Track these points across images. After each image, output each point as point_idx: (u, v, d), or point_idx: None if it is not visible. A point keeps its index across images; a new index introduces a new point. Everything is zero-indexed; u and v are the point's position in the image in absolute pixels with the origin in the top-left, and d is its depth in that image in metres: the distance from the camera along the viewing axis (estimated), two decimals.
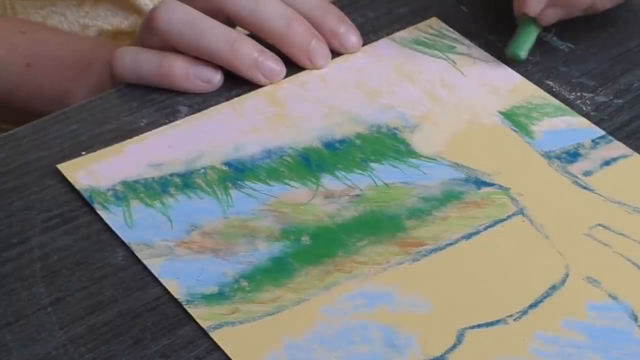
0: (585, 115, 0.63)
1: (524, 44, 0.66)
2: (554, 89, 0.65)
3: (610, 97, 0.65)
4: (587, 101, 0.64)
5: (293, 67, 0.65)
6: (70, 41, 0.70)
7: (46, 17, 0.70)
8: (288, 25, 0.63)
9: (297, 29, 0.64)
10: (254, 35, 0.64)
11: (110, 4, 0.72)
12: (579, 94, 0.65)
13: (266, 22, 0.63)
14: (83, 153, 0.58)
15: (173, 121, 0.61)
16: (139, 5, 0.73)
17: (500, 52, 0.66)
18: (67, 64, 0.68)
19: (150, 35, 0.63)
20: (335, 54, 0.66)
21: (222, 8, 0.63)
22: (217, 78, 0.63)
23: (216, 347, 0.49)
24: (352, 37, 0.66)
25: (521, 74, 0.66)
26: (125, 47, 0.64)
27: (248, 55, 0.62)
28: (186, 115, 0.61)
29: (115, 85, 0.64)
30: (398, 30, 0.68)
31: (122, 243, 0.54)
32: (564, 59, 0.67)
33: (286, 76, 0.64)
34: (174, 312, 0.51)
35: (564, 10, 0.65)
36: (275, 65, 0.63)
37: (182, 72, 0.62)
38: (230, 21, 0.63)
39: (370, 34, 0.68)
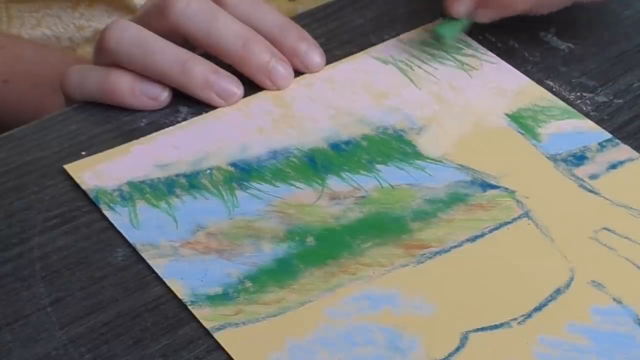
0: (586, 115, 0.63)
1: (453, 29, 0.65)
2: (554, 89, 0.65)
3: (610, 97, 0.64)
4: (587, 101, 0.64)
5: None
6: (47, 57, 0.70)
7: (41, 20, 0.70)
8: (245, 45, 0.61)
9: (254, 48, 0.62)
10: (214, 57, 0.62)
11: (105, 5, 0.71)
12: (579, 94, 0.65)
13: (222, 42, 0.61)
14: (83, 153, 0.58)
15: (173, 121, 0.61)
16: (134, 6, 0.72)
17: (500, 53, 0.66)
18: (43, 81, 0.67)
19: (101, 55, 0.61)
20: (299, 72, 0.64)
21: (177, 28, 0.61)
22: (164, 95, 0.61)
23: (216, 347, 0.49)
24: (315, 55, 0.64)
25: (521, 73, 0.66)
26: (76, 66, 0.62)
27: (200, 75, 0.61)
28: (186, 115, 0.61)
29: (69, 104, 0.62)
30: (398, 30, 0.68)
31: (122, 243, 0.54)
32: (564, 59, 0.67)
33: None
34: (174, 312, 0.51)
35: (497, 12, 0.65)
36: (231, 85, 0.62)
37: (128, 87, 0.60)
38: (187, 42, 0.62)
39: (370, 34, 0.68)
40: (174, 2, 0.61)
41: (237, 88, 0.62)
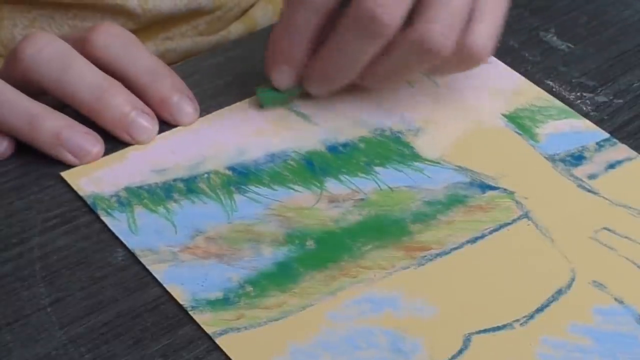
0: (585, 115, 0.63)
1: (274, 97, 0.61)
2: (554, 89, 0.65)
3: (610, 97, 0.65)
4: (587, 101, 0.64)
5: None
6: None
7: (34, 20, 0.69)
8: (100, 98, 0.56)
9: (111, 101, 0.57)
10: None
11: (98, 6, 0.70)
12: (579, 94, 0.65)
13: (75, 94, 0.56)
14: None
15: (169, 126, 0.60)
16: (124, 5, 0.71)
17: (500, 53, 0.66)
18: None
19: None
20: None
21: (29, 76, 0.57)
22: (2, 146, 0.57)
23: (216, 347, 0.49)
24: (187, 107, 0.59)
25: (521, 74, 0.65)
26: None
27: (49, 132, 0.56)
28: None
29: None
30: None
31: (122, 243, 0.54)
32: (564, 59, 0.67)
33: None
34: (174, 312, 0.51)
35: (325, 86, 0.60)
36: (85, 143, 0.57)
37: None
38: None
39: None
40: (25, 47, 0.57)
41: (92, 146, 0.57)
